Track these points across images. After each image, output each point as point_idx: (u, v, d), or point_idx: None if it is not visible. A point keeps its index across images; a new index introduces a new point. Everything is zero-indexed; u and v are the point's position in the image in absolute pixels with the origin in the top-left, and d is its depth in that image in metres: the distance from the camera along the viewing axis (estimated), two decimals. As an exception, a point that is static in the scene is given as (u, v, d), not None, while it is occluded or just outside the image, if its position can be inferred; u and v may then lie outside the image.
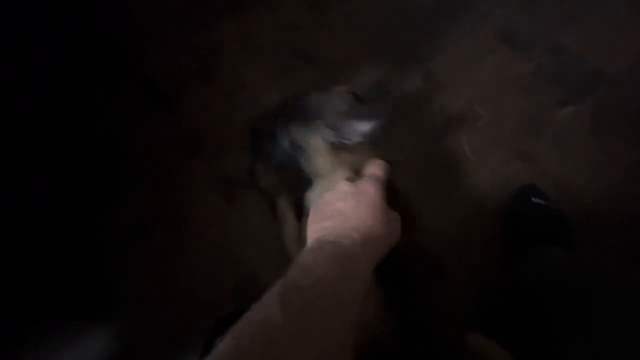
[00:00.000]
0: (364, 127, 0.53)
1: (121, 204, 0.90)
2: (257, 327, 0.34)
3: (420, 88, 1.02)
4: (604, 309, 0.53)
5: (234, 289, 0.81)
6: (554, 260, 0.68)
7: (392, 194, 0.51)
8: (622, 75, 1.04)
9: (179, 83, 1.03)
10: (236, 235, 0.87)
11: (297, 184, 0.61)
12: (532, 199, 0.83)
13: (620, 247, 0.81)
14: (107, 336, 0.79)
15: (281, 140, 0.60)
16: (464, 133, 0.97)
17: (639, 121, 0.97)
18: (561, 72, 1.05)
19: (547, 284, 0.62)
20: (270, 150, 0.61)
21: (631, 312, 0.51)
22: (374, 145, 0.57)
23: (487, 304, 0.75)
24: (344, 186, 0.48)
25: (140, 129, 0.98)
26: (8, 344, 0.77)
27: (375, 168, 0.52)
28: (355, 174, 0.54)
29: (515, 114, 0.99)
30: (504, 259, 0.81)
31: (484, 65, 1.05)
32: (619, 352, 0.49)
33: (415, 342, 0.51)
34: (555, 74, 1.05)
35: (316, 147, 0.57)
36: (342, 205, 0.46)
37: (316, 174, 0.59)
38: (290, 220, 0.74)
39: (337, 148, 0.56)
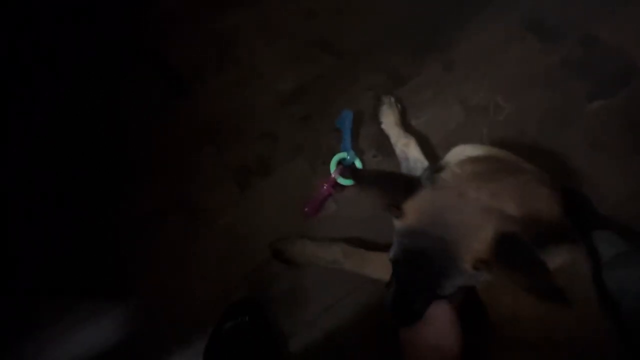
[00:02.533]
0: None
1: (136, 190, 0.90)
2: None
3: (440, 77, 0.99)
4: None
5: (245, 276, 0.81)
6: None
7: None
8: (657, 69, 0.98)
9: (196, 69, 1.02)
10: (248, 223, 0.86)
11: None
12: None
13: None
14: (120, 317, 0.80)
15: None
16: (485, 126, 0.93)
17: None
18: (592, 64, 0.99)
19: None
20: None
21: None
22: None
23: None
24: None
25: (156, 115, 0.98)
26: (26, 320, 0.80)
27: None
28: None
29: (540, 107, 0.95)
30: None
31: (509, 55, 1.01)
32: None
33: None
34: (585, 66, 0.99)
35: None
36: None
37: None
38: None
39: None
